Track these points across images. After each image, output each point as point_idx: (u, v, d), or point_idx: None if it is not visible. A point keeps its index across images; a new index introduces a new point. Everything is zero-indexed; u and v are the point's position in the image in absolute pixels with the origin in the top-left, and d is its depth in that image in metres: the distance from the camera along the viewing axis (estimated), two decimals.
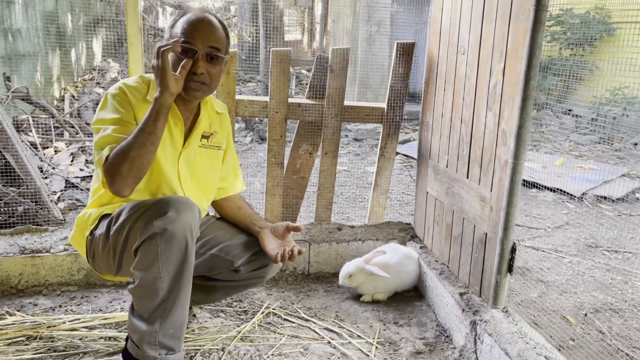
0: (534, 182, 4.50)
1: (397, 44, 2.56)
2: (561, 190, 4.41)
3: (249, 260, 1.81)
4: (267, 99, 2.54)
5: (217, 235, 1.82)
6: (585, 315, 2.34)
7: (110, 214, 1.63)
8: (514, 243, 1.82)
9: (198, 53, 1.57)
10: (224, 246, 1.79)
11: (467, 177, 2.11)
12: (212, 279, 1.88)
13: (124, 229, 1.54)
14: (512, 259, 1.83)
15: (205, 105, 1.78)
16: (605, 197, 4.31)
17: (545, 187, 4.53)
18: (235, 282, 1.88)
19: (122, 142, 1.48)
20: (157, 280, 1.47)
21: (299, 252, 1.72)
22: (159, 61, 1.47)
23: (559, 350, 1.96)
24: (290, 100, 2.55)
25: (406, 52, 2.56)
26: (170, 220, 1.43)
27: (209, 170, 1.82)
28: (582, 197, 4.30)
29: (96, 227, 1.66)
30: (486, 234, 1.96)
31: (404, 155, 5.69)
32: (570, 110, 6.26)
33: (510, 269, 1.85)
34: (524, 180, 4.45)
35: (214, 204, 1.95)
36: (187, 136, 1.74)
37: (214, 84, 1.65)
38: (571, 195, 4.34)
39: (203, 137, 1.78)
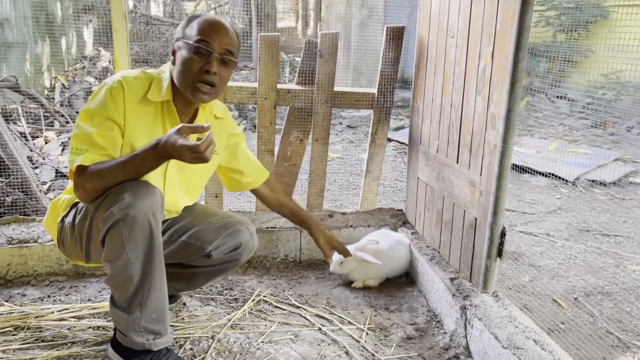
0: (527, 167, 4.50)
1: (387, 28, 2.53)
2: (554, 175, 4.41)
3: (220, 244, 1.78)
4: (256, 85, 2.51)
5: (187, 222, 1.80)
6: (576, 299, 2.34)
7: None
8: (504, 227, 1.81)
9: (213, 54, 1.54)
10: (194, 232, 1.77)
11: (457, 162, 2.09)
12: (190, 266, 1.87)
13: (87, 218, 1.53)
14: (501, 244, 1.83)
15: (204, 110, 1.72)
16: (596, 181, 4.31)
17: (538, 172, 4.53)
18: (212, 267, 1.86)
19: (105, 168, 1.46)
20: (128, 267, 1.46)
21: None
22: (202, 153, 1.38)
23: (549, 333, 1.96)
24: (279, 86, 2.52)
25: (396, 37, 2.53)
26: (128, 204, 1.41)
27: (201, 175, 1.81)
28: (575, 182, 4.29)
29: (67, 215, 1.64)
30: (476, 218, 1.95)
31: (398, 142, 5.68)
32: (565, 95, 6.23)
33: (500, 254, 1.84)
34: (517, 166, 4.46)
35: (261, 198, 2.02)
36: None
37: (221, 88, 1.61)
38: (564, 179, 4.34)
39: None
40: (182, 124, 1.44)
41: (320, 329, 1.96)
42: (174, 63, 1.61)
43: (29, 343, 1.76)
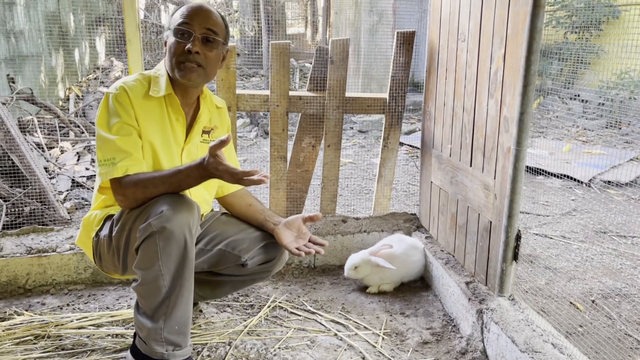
0: (541, 169, 4.46)
1: (397, 33, 2.54)
2: (568, 176, 4.37)
3: (255, 254, 1.81)
4: (268, 92, 2.53)
5: (224, 231, 1.83)
6: (594, 301, 2.32)
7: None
8: (519, 230, 1.81)
9: (194, 35, 1.58)
10: (231, 241, 1.79)
11: (471, 166, 2.09)
12: (219, 274, 1.88)
13: (125, 229, 1.56)
14: (517, 247, 1.82)
15: (205, 100, 1.77)
16: (611, 182, 4.27)
17: (551, 174, 4.49)
18: (242, 277, 1.88)
19: (147, 179, 1.52)
20: (158, 278, 1.48)
21: (317, 252, 1.76)
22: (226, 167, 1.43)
23: (567, 337, 1.95)
24: (291, 93, 2.54)
25: (406, 42, 2.54)
26: (167, 218, 1.44)
27: None
28: (589, 183, 4.25)
29: (101, 229, 1.67)
30: (491, 222, 1.94)
31: (410, 145, 5.67)
32: (577, 95, 6.18)
33: (515, 257, 1.84)
34: (530, 168, 4.43)
35: (223, 202, 1.95)
36: (188, 131, 1.73)
37: (210, 69, 1.65)
38: (579, 181, 4.30)
39: (204, 132, 1.78)
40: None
41: (336, 334, 1.96)
42: (165, 54, 1.65)
43: (49, 351, 1.78)
